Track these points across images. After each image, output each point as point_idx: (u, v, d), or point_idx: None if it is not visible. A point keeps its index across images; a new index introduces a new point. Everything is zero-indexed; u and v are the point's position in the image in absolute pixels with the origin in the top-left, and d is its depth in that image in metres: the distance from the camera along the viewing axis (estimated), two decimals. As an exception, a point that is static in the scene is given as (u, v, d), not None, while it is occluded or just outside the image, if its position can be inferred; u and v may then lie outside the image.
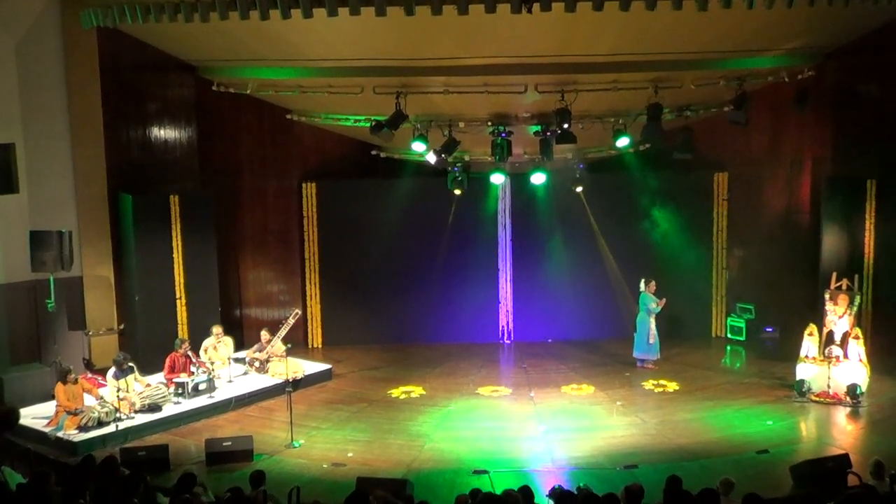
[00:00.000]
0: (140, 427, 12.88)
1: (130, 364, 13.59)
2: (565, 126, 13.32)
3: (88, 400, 13.16)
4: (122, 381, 13.30)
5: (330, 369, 15.71)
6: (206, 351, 14.88)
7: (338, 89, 13.94)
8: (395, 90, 13.37)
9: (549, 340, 17.56)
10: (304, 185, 17.14)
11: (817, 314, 14.71)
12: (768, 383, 14.84)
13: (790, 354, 14.78)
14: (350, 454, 12.31)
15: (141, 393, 13.39)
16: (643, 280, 15.95)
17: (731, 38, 12.76)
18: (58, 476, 8.76)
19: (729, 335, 17.41)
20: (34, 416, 13.21)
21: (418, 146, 14.33)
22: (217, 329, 15.19)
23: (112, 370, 13.48)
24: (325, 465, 11.92)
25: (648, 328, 15.84)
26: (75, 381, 13.00)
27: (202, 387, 13.99)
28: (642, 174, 16.76)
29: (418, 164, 16.12)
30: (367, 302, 17.33)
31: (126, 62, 15.27)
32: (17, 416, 11.58)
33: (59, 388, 12.90)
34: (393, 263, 17.29)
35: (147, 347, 14.89)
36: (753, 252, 17.43)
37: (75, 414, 12.67)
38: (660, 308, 15.80)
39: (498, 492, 8.93)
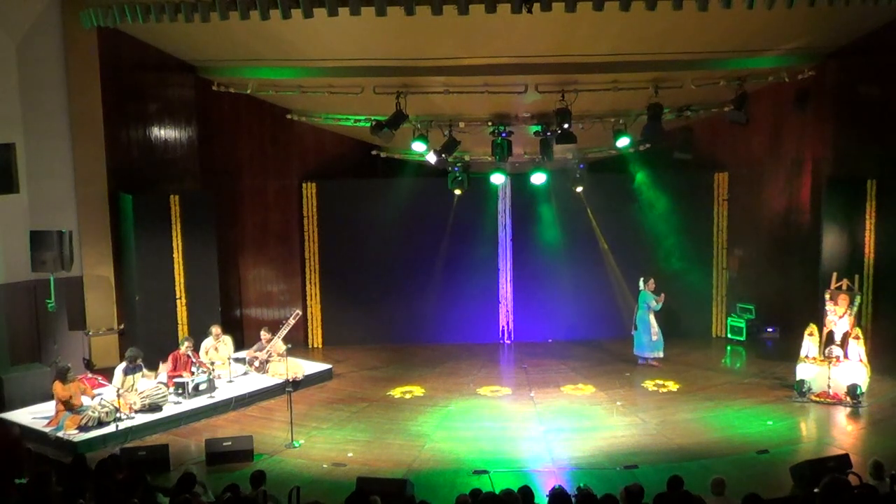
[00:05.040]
0: (140, 427, 12.87)
1: (140, 363, 13.59)
2: (565, 126, 13.31)
3: (85, 400, 13.16)
4: (129, 378, 13.30)
5: (330, 369, 15.71)
6: (206, 352, 14.87)
7: (338, 89, 13.94)
8: (396, 90, 13.36)
9: (549, 340, 17.56)
10: (304, 185, 17.14)
11: (817, 314, 14.70)
12: (768, 383, 14.84)
13: (790, 354, 14.79)
14: (350, 454, 12.31)
15: (141, 393, 13.39)
16: (642, 278, 15.97)
17: (732, 38, 12.76)
18: (58, 476, 8.77)
19: (729, 335, 17.40)
20: (34, 416, 13.22)
21: (418, 146, 14.32)
22: (215, 329, 15.17)
23: (123, 364, 13.49)
24: (325, 465, 11.92)
25: (649, 325, 15.87)
26: (73, 380, 12.99)
27: (202, 387, 13.99)
28: (642, 174, 16.76)
29: (418, 164, 16.12)
30: (367, 302, 17.32)
31: (126, 62, 15.27)
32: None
33: (58, 386, 12.89)
34: (393, 263, 17.30)
35: (147, 347, 14.83)
36: (753, 252, 17.43)
37: (76, 412, 12.66)
38: (659, 305, 15.83)
39: (498, 492, 8.92)
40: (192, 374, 14.10)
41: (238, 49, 13.71)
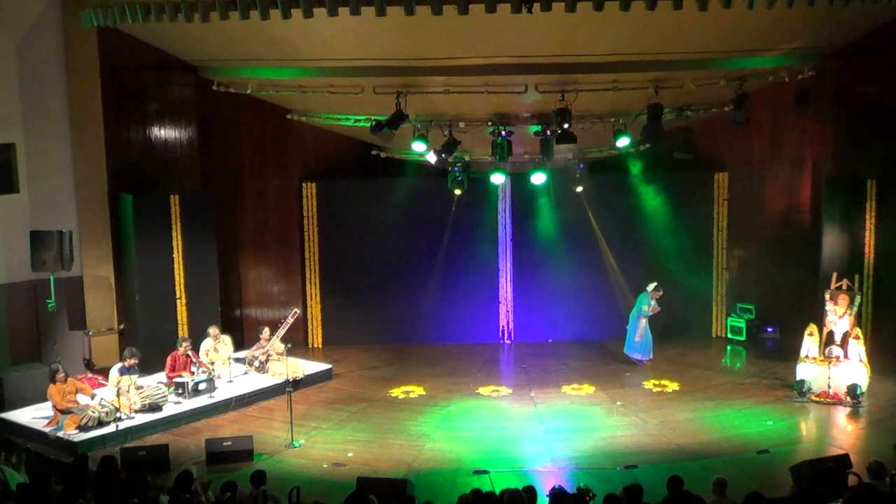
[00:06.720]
0: (140, 427, 12.87)
1: (136, 367, 13.58)
2: (565, 126, 13.32)
3: (83, 400, 13.14)
4: (125, 378, 13.29)
5: (330, 369, 15.72)
6: (206, 353, 14.87)
7: (338, 89, 13.95)
8: (396, 90, 13.37)
9: (549, 340, 17.55)
10: (304, 185, 17.15)
11: (817, 314, 14.70)
12: (768, 383, 14.84)
13: (790, 354, 14.79)
14: (350, 454, 12.31)
15: (141, 393, 13.38)
16: (655, 283, 15.91)
17: (732, 38, 12.76)
18: (58, 476, 8.77)
19: (729, 335, 17.40)
20: (34, 416, 13.22)
21: (418, 146, 14.33)
22: (213, 330, 15.16)
23: (119, 364, 13.48)
24: (325, 465, 11.92)
25: (637, 326, 15.87)
26: (65, 380, 12.94)
27: (202, 387, 13.99)
28: (642, 174, 16.77)
29: (418, 164, 16.13)
30: (367, 302, 17.32)
31: (126, 62, 15.26)
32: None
33: (52, 389, 12.86)
34: (393, 263, 17.30)
35: (147, 347, 14.85)
36: (753, 252, 17.43)
37: (73, 413, 12.64)
38: (650, 312, 15.83)
39: (498, 492, 8.92)
40: (192, 374, 14.11)
41: (238, 49, 13.72)
